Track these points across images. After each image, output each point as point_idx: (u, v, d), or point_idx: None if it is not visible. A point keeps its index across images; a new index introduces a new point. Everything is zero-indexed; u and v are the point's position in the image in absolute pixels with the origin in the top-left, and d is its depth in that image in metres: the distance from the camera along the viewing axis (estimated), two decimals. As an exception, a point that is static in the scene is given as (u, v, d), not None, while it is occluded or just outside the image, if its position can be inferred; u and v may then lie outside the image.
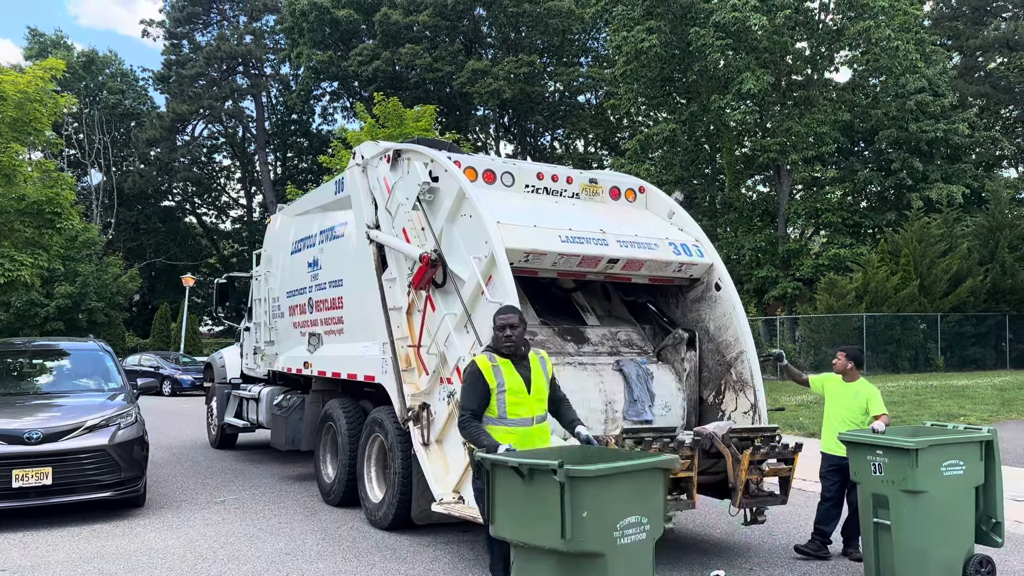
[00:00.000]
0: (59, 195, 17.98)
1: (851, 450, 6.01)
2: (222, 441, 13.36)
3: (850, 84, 33.58)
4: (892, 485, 5.65)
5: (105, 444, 8.01)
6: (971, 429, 6.11)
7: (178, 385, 27.87)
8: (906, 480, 5.56)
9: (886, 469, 5.70)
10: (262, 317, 11.62)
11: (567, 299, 7.80)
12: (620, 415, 6.62)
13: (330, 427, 8.86)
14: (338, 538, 7.33)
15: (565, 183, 7.84)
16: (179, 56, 52.08)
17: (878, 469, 5.75)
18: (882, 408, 6.55)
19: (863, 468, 5.87)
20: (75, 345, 10.84)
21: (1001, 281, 28.89)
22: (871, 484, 5.81)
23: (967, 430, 6.10)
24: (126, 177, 50.65)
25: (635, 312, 7.86)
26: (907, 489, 5.57)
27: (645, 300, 7.76)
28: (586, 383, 6.70)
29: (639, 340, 7.39)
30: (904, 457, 5.57)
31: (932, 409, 15.73)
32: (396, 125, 23.90)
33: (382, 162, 8.05)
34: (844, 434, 6.14)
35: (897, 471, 5.61)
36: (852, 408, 6.63)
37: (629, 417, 6.67)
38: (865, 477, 5.87)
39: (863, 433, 6.09)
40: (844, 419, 6.60)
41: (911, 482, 5.55)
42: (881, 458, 5.73)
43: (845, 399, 6.70)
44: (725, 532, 7.62)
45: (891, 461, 5.66)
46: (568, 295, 7.89)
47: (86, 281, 34.57)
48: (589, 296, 7.92)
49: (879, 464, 5.75)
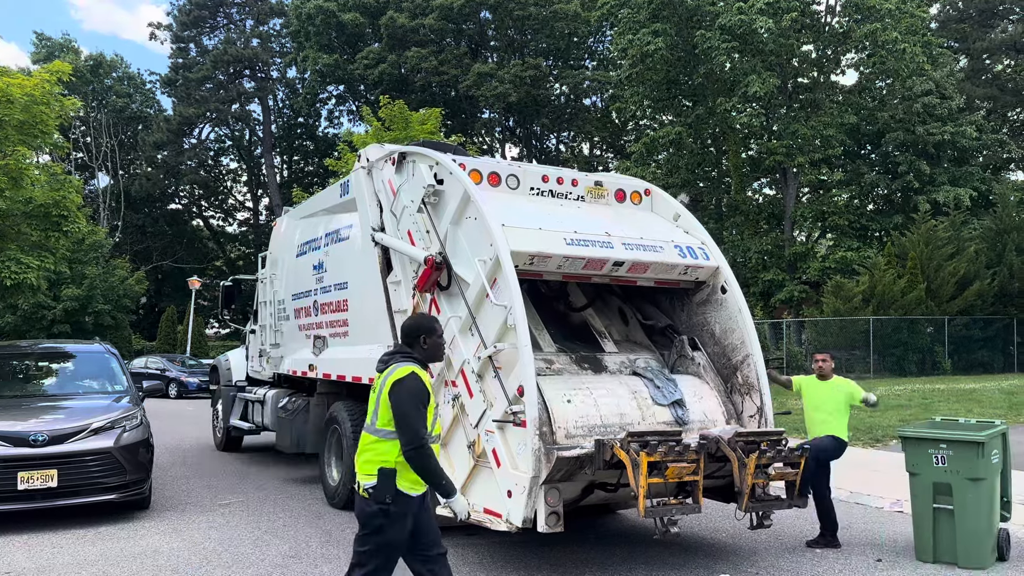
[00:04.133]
0: (66, 198, 17.99)
1: (909, 445, 6.71)
2: (227, 443, 13.36)
3: (857, 87, 33.53)
4: (957, 474, 6.38)
5: (110, 446, 8.02)
6: (985, 423, 6.88)
7: (184, 388, 27.90)
8: (972, 469, 6.33)
9: (950, 460, 6.42)
10: (267, 320, 11.63)
11: (583, 324, 7.72)
12: (649, 400, 6.58)
13: (335, 430, 8.85)
14: (343, 541, 7.31)
15: (570, 186, 7.82)
16: (186, 59, 52.22)
17: (941, 460, 6.47)
18: (862, 391, 7.39)
19: (923, 461, 6.57)
20: (80, 348, 10.86)
21: (1008, 284, 28.77)
22: (932, 474, 6.51)
23: (981, 424, 6.86)
24: (133, 180, 50.77)
25: (653, 337, 7.77)
26: (971, 477, 6.34)
27: (665, 325, 7.66)
28: (608, 382, 6.72)
29: (657, 366, 7.31)
30: (971, 449, 6.33)
31: (940, 413, 15.64)
32: (402, 128, 23.90)
33: (387, 165, 8.04)
34: (905, 430, 6.89)
35: (962, 462, 6.35)
36: (837, 400, 7.34)
37: (658, 401, 6.59)
38: (925, 468, 6.56)
39: (925, 429, 6.89)
40: (831, 411, 7.30)
41: (976, 471, 6.32)
42: (945, 451, 6.45)
43: (829, 394, 7.38)
44: (731, 535, 7.59)
45: (955, 453, 6.39)
46: (581, 312, 7.79)
47: (93, 284, 34.62)
48: (606, 320, 7.82)
49: (942, 456, 6.46)
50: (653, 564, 6.60)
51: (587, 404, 6.29)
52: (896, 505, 8.87)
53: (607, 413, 6.34)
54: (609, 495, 6.40)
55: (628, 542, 7.33)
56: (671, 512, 5.61)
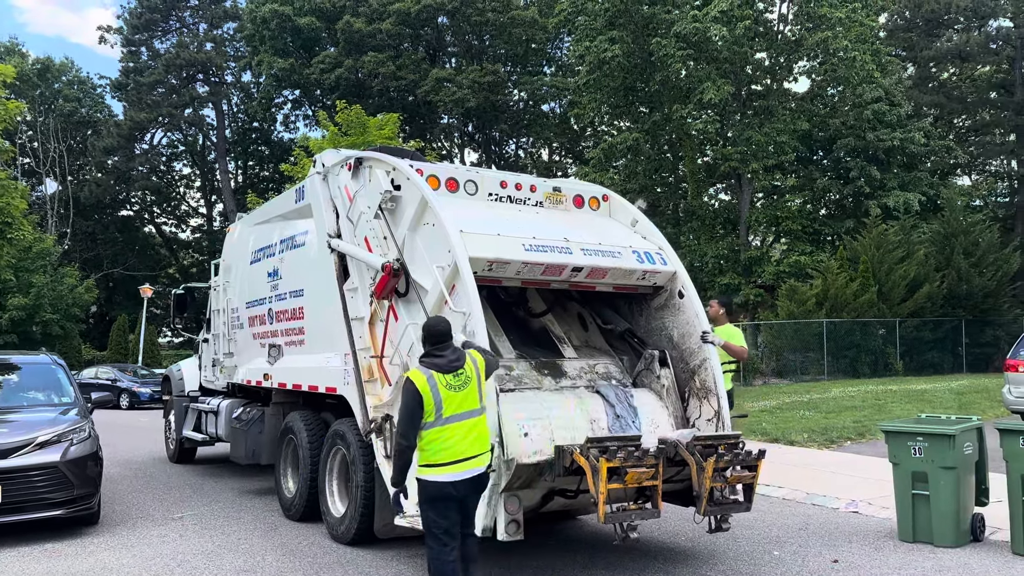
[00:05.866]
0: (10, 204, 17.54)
1: (891, 438, 7.42)
2: (180, 455, 13.08)
3: (809, 94, 34.11)
4: (932, 463, 7.11)
5: (57, 461, 7.77)
6: (963, 419, 7.65)
7: (136, 398, 27.31)
8: (944, 459, 7.05)
9: (925, 451, 7.16)
10: (221, 328, 11.42)
11: (542, 329, 7.67)
12: (606, 431, 6.41)
13: (291, 440, 8.71)
14: (299, 554, 7.19)
15: (529, 191, 7.80)
16: (137, 63, 51.22)
17: (918, 451, 7.21)
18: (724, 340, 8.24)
19: (903, 452, 7.32)
20: (26, 359, 10.54)
21: (957, 287, 29.43)
22: (910, 464, 7.25)
23: (959, 420, 7.61)
24: (82, 186, 49.63)
25: (612, 342, 7.72)
26: (944, 466, 7.06)
27: (624, 329, 7.61)
28: (568, 402, 6.51)
29: (617, 372, 7.25)
30: (944, 441, 7.06)
31: (893, 413, 15.92)
32: (359, 133, 23.74)
33: (343, 170, 7.94)
34: (887, 425, 7.60)
35: (936, 452, 7.09)
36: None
37: (615, 432, 6.44)
38: (905, 459, 7.31)
39: (905, 423, 7.60)
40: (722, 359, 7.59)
41: (948, 460, 7.04)
42: (921, 443, 7.18)
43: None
44: (689, 539, 7.61)
45: (930, 445, 7.13)
46: (540, 318, 7.73)
47: (40, 292, 33.74)
48: (565, 326, 7.77)
49: (919, 447, 7.20)
50: (614, 569, 6.59)
51: (543, 438, 5.98)
52: (852, 506, 8.99)
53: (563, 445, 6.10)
54: (569, 501, 6.37)
55: (589, 548, 7.32)
56: (631, 518, 5.60)
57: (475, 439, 5.17)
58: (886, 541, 7.45)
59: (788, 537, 7.69)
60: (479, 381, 5.28)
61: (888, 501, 8.69)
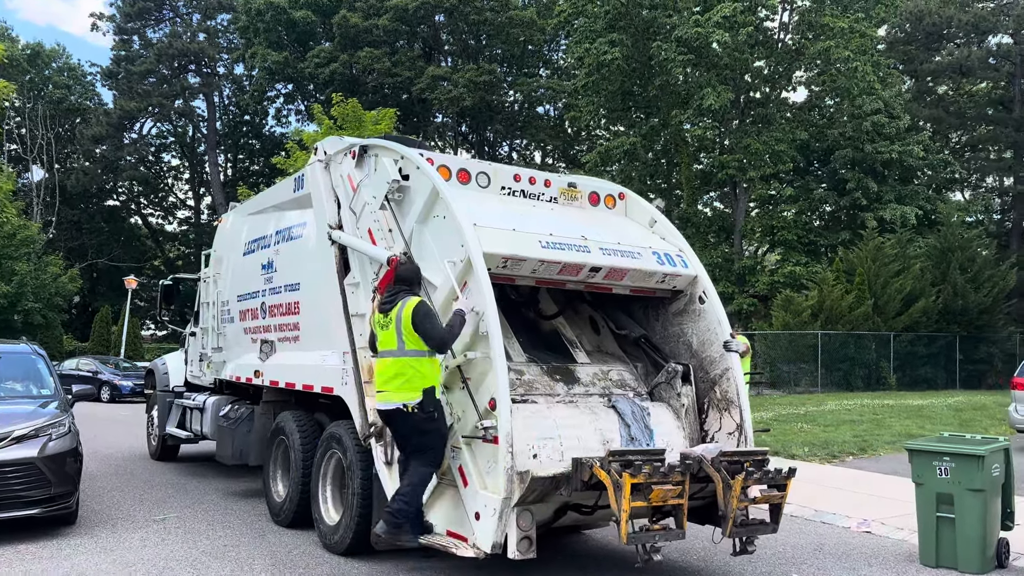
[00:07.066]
0: (-6, 187, 17.00)
1: (915, 457, 7.00)
2: (163, 452, 12.58)
3: (807, 104, 33.95)
4: (959, 485, 6.69)
5: (34, 456, 7.32)
6: (989, 439, 7.21)
7: (117, 391, 26.72)
8: (972, 480, 6.65)
9: (952, 472, 6.73)
10: (210, 322, 10.95)
11: (553, 332, 7.27)
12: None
13: (282, 441, 8.26)
14: (289, 563, 6.75)
15: (543, 186, 7.40)
16: (129, 52, 50.59)
17: (944, 472, 6.78)
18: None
19: (928, 472, 6.88)
20: (5, 348, 10.01)
21: (952, 302, 29.29)
22: (935, 485, 6.82)
23: (985, 440, 7.17)
24: (69, 174, 48.89)
25: (625, 348, 7.34)
26: (972, 488, 6.65)
27: (639, 335, 7.23)
28: (580, 420, 6.16)
29: (632, 380, 6.87)
30: (972, 462, 6.65)
31: (892, 429, 15.63)
32: (355, 127, 23.28)
33: (347, 158, 7.52)
34: (912, 444, 7.16)
35: (964, 474, 6.67)
36: None
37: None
38: (929, 479, 6.87)
39: (930, 442, 7.19)
40: None
41: (976, 482, 6.64)
42: (948, 463, 6.76)
43: None
44: (702, 558, 7.23)
45: (958, 466, 6.71)
46: (551, 320, 7.34)
47: (23, 281, 33.10)
48: (577, 329, 7.38)
49: (945, 468, 6.77)
50: (626, 590, 6.20)
51: (553, 460, 5.71)
52: (864, 525, 8.64)
53: None
54: (583, 517, 5.98)
55: (597, 566, 6.92)
56: (654, 539, 5.20)
57: (390, 377, 5.75)
58: (907, 565, 7.09)
59: (804, 558, 7.31)
60: (399, 324, 5.73)
61: (902, 521, 8.37)
